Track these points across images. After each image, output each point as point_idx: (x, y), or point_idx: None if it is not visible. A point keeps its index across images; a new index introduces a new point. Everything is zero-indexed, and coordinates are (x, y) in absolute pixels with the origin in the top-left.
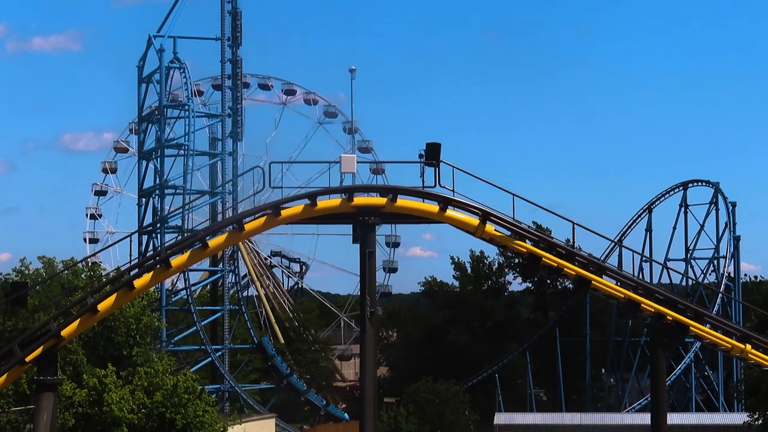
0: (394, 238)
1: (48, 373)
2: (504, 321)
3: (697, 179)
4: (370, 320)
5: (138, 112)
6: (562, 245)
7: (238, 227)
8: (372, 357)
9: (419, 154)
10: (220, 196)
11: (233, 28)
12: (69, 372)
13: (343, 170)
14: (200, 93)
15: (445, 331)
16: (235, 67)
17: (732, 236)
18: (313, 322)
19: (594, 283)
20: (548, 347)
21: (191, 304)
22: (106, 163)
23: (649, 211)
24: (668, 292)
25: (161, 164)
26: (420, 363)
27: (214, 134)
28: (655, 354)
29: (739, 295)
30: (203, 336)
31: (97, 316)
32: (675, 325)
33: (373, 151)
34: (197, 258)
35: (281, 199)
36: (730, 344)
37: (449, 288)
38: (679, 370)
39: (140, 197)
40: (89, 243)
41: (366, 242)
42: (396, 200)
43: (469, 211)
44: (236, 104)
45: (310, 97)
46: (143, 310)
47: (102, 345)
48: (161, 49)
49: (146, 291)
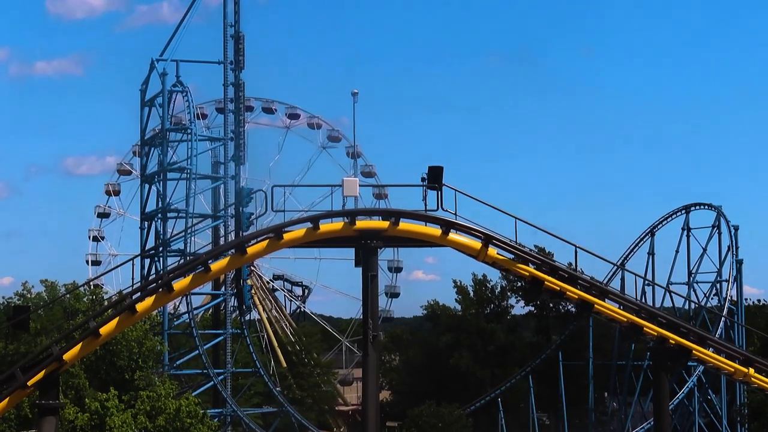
0: (397, 263)
1: (50, 396)
2: (506, 344)
3: (699, 203)
4: (372, 344)
5: (140, 136)
6: (565, 269)
7: (241, 251)
8: (374, 381)
9: (421, 178)
10: (223, 220)
11: (236, 51)
12: (71, 396)
13: (346, 194)
14: (204, 116)
15: (447, 355)
16: (237, 91)
17: (735, 260)
18: (316, 345)
19: (596, 306)
20: (551, 371)
21: (193, 327)
22: (109, 185)
23: (652, 235)
24: (671, 315)
25: (164, 188)
26: (422, 387)
27: (216, 158)
28: (658, 378)
29: (742, 319)
30: (205, 360)
31: (99, 340)
32: (678, 348)
33: (376, 175)
34: (200, 282)
35: (283, 222)
36: (733, 368)
37: (452, 311)
38: (682, 394)
39: (143, 221)
40: (91, 265)
41: (368, 266)
42: (398, 224)
43: (472, 235)
44: (239, 128)
45: (314, 121)
46: (145, 333)
47: (104, 369)
48: (164, 73)
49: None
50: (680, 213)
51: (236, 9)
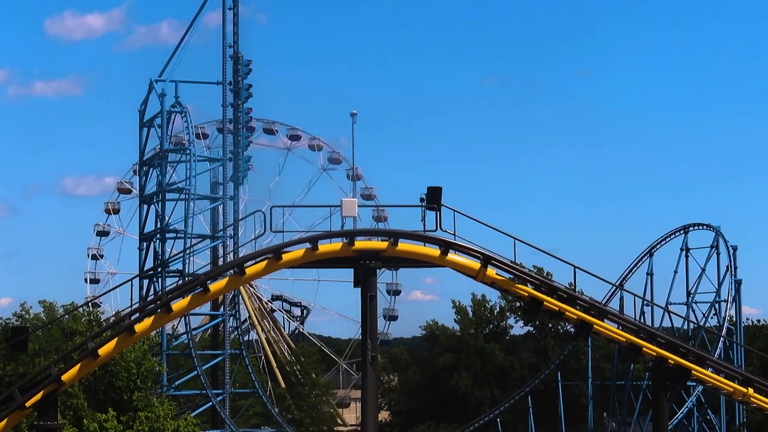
0: (395, 286)
1: (48, 417)
2: (506, 365)
3: (698, 223)
4: (371, 364)
5: (139, 156)
6: (564, 289)
7: (239, 271)
8: (373, 401)
9: (420, 198)
10: (222, 240)
11: (234, 72)
12: (69, 417)
13: (344, 214)
14: (205, 136)
15: (446, 375)
16: (236, 112)
17: (733, 280)
18: (314, 366)
19: (596, 327)
20: (550, 391)
21: (192, 348)
22: (109, 203)
23: (650, 255)
24: (670, 335)
25: (162, 208)
26: (421, 407)
27: (215, 178)
28: (657, 398)
29: (741, 339)
30: (204, 380)
31: (97, 361)
32: (677, 368)
33: (375, 197)
34: (198, 302)
35: (282, 243)
36: (733, 388)
37: (450, 332)
38: (681, 413)
39: (141, 241)
40: (90, 283)
41: (367, 286)
42: (397, 244)
43: (471, 255)
44: (237, 148)
45: (315, 142)
46: (144, 354)
47: (103, 389)
48: (163, 94)
49: (147, 335)
50: (679, 233)
51: (235, 30)
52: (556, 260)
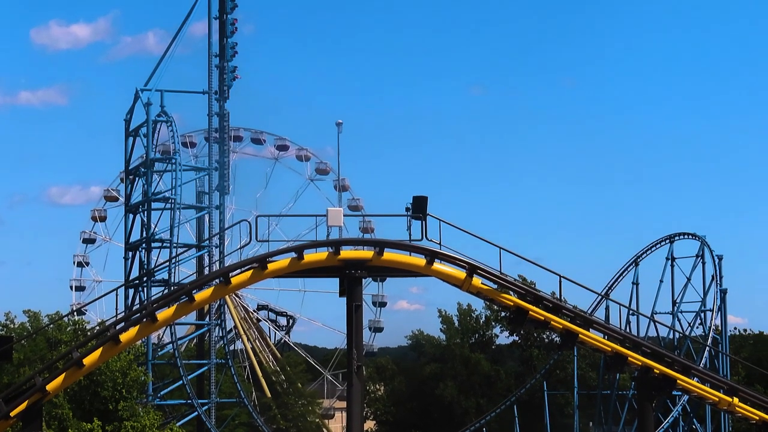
0: (381, 297)
1: (33, 427)
2: (491, 374)
3: (683, 232)
4: (356, 374)
5: (125, 166)
6: (549, 298)
7: (225, 281)
8: (359, 411)
9: (406, 208)
10: (207, 250)
11: (220, 81)
12: (54, 426)
13: (330, 224)
14: (192, 144)
15: (432, 385)
16: (222, 121)
17: (719, 289)
18: (300, 376)
19: (581, 336)
20: (536, 401)
21: (177, 357)
22: (95, 211)
23: (636, 264)
24: (655, 345)
25: (148, 217)
26: (407, 417)
27: (201, 187)
28: (642, 407)
29: (727, 348)
30: (190, 390)
31: (82, 371)
32: (662, 378)
33: (363, 209)
34: (183, 312)
35: (268, 252)
36: (718, 397)
37: (436, 341)
38: (667, 423)
39: (127, 250)
40: (75, 290)
41: (353, 296)
42: (383, 253)
43: (456, 265)
44: (223, 158)
45: (302, 153)
46: (129, 364)
47: (88, 399)
48: (148, 103)
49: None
50: (664, 243)
51: (221, 40)
52: (542, 270)
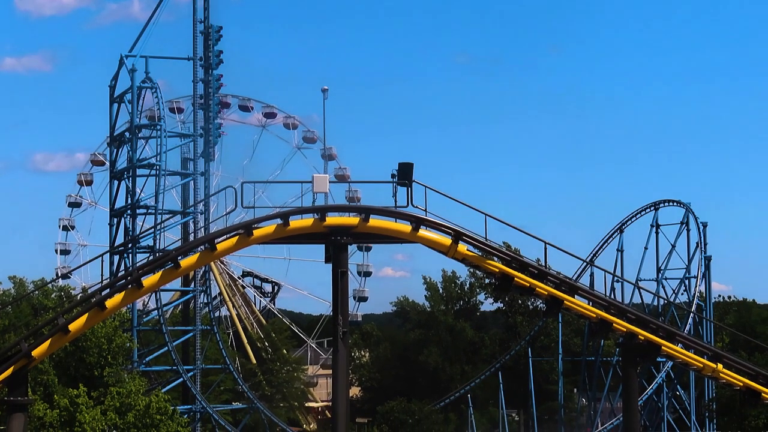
0: (366, 267)
1: (18, 393)
2: (476, 341)
3: (668, 199)
4: (342, 340)
5: (110, 132)
6: (534, 265)
7: (210, 247)
8: (344, 376)
9: (391, 174)
10: (192, 216)
11: (205, 47)
12: (40, 392)
13: (316, 190)
14: (180, 110)
15: (417, 351)
16: (207, 87)
17: (703, 256)
18: (285, 342)
19: (566, 303)
20: (520, 367)
21: (163, 324)
22: (81, 175)
23: (621, 231)
24: (640, 312)
25: (133, 184)
26: (392, 383)
27: (186, 154)
28: (627, 374)
29: (711, 315)
30: (175, 356)
31: (68, 337)
32: (647, 344)
33: (349, 178)
34: (169, 278)
35: (253, 219)
36: (702, 364)
37: (421, 308)
38: (651, 389)
39: (112, 217)
40: (60, 254)
41: (338, 262)
42: (368, 220)
43: (442, 231)
44: (208, 124)
45: (290, 121)
46: (115, 330)
47: (73, 365)
48: (133, 69)
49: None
50: (649, 210)
51: (206, 5)
52: (527, 236)
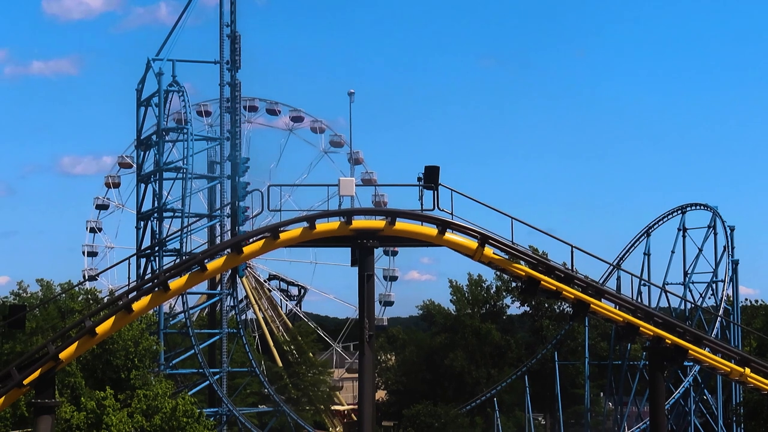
0: (392, 271)
1: (46, 395)
2: (502, 345)
3: (695, 203)
4: (368, 343)
5: (137, 135)
6: (561, 269)
7: (237, 250)
8: (371, 380)
9: (418, 177)
10: (219, 219)
11: (232, 51)
12: (67, 395)
13: (342, 193)
14: (208, 113)
15: (442, 355)
16: (233, 91)
17: (730, 260)
18: (311, 345)
19: (593, 306)
20: (546, 371)
21: (189, 327)
22: (109, 177)
23: (648, 235)
24: (667, 315)
25: (159, 187)
26: (418, 386)
27: (213, 157)
28: (654, 378)
29: (738, 319)
30: (201, 359)
31: (95, 339)
32: (674, 348)
33: (376, 182)
34: (195, 281)
35: (280, 222)
36: (729, 368)
37: (447, 311)
38: (678, 393)
39: (139, 220)
40: (87, 256)
41: (364, 265)
42: (394, 223)
43: (468, 235)
44: (235, 127)
45: (317, 125)
46: (141, 333)
47: (100, 368)
48: (160, 72)
49: (144, 314)
50: (676, 213)
51: (232, 9)
52: (554, 240)
